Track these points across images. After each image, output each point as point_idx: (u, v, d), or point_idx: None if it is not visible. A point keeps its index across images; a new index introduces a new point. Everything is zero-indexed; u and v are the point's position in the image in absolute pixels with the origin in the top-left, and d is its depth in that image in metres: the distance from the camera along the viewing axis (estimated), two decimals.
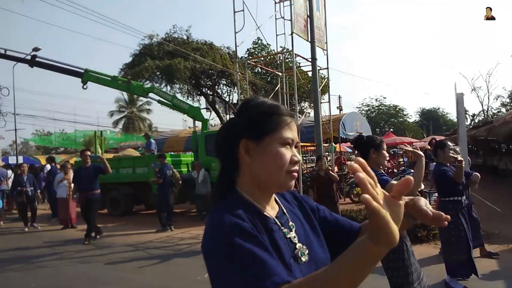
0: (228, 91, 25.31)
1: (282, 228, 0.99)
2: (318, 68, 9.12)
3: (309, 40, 8.15)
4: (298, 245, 0.99)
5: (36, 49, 21.53)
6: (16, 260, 6.22)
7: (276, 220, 0.99)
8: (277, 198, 1.08)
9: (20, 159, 22.29)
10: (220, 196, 1.01)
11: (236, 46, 8.20)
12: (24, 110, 71.21)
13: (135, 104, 49.81)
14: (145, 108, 51.31)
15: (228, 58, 22.40)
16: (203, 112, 11.31)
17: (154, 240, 7.49)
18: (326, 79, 11.19)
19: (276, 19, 8.15)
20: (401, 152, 19.75)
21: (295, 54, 8.25)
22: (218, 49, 22.90)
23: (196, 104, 20.89)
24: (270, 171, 0.97)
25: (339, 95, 30.69)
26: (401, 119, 51.51)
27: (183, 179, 10.46)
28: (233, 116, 1.09)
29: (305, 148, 16.34)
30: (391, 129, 45.12)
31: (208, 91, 22.58)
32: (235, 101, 22.67)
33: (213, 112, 22.48)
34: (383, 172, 3.18)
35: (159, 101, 11.34)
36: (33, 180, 10.01)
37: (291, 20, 7.67)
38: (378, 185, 0.74)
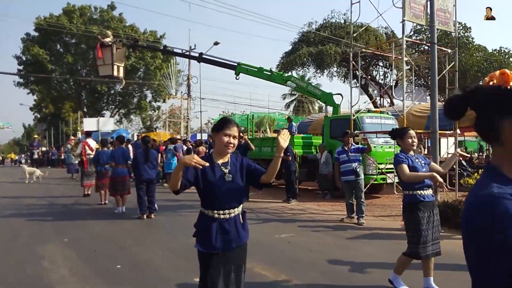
0: (385, 73, 24.65)
1: (222, 167, 2.53)
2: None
3: (427, 24, 8.02)
4: (227, 174, 2.49)
5: (216, 43, 25.42)
6: None
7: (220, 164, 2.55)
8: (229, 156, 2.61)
9: (205, 136, 27.10)
10: None
11: (351, 36, 8.67)
12: (209, 95, 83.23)
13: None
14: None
15: (383, 39, 21.87)
16: (337, 98, 11.90)
17: (271, 207, 8.95)
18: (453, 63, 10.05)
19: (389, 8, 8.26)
20: None
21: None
22: (373, 30, 22.52)
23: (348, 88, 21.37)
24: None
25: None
26: None
27: (309, 160, 11.60)
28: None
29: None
30: None
31: (362, 74, 22.64)
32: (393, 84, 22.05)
33: (365, 96, 22.41)
34: (405, 155, 3.74)
35: (295, 88, 12.61)
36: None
37: (403, 7, 7.75)
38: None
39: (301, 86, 12.65)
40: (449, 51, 9.57)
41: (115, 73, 13.70)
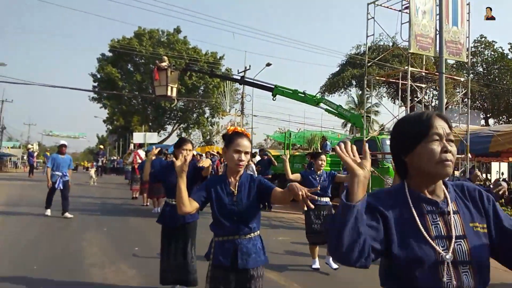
0: (434, 96, 24.47)
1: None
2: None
3: (436, 55, 8.64)
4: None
5: (268, 64, 26.86)
6: None
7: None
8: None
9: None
10: None
11: (366, 65, 9.48)
12: (264, 113, 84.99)
13: (363, 107, 52.07)
14: (373, 110, 52.78)
15: (431, 62, 21.89)
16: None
17: (288, 218, 9.90)
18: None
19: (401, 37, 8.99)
20: None
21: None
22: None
23: (395, 108, 21.56)
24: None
25: None
26: None
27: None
28: None
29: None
30: None
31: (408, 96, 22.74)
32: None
33: None
34: (309, 172, 5.03)
35: (326, 110, 13.45)
36: None
37: (408, 41, 8.47)
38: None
39: (332, 108, 13.48)
40: (462, 79, 9.95)
41: (169, 93, 15.56)
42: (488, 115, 27.04)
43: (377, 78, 11.74)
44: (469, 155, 9.66)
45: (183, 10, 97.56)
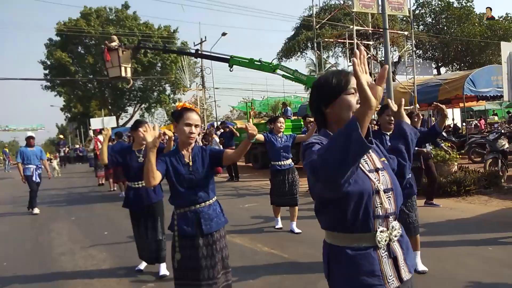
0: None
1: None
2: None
3: (378, 12, 8.90)
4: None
5: (224, 34, 26.35)
6: None
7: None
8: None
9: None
10: None
11: (314, 28, 9.63)
12: (226, 84, 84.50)
13: (323, 68, 52.56)
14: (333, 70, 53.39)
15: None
16: None
17: (254, 185, 10.22)
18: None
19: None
20: None
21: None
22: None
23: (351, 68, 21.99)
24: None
25: None
26: None
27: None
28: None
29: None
30: None
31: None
32: (396, 60, 22.41)
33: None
34: (271, 135, 5.16)
35: (283, 75, 13.60)
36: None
37: (351, 0, 8.67)
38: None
39: (288, 73, 13.64)
40: (406, 33, 10.34)
41: (123, 74, 15.09)
42: (440, 64, 28.07)
43: (326, 40, 11.91)
44: (417, 105, 10.14)
45: None
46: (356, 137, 1.16)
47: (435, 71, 27.06)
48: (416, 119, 3.90)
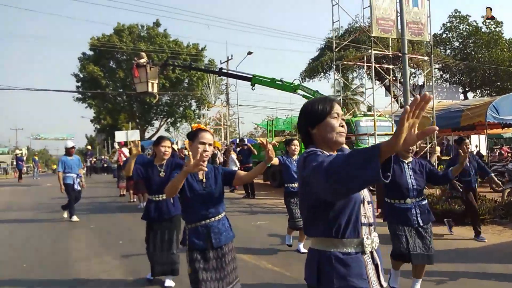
0: (412, 73, 24.89)
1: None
2: None
3: (398, 37, 9.02)
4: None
5: (249, 53, 26.90)
6: None
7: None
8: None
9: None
10: None
11: (334, 50, 9.84)
12: (250, 102, 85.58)
13: (349, 88, 52.49)
14: (359, 91, 53.11)
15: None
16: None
17: (269, 203, 10.34)
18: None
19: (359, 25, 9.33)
20: None
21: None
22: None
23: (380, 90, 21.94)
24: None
25: None
26: None
27: None
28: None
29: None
30: None
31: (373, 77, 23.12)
32: (421, 83, 22.24)
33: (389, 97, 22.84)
34: (286, 157, 5.21)
35: (303, 96, 13.80)
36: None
37: (370, 26, 8.83)
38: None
39: (309, 93, 13.83)
40: (426, 58, 10.36)
41: (150, 89, 15.70)
42: (467, 89, 27.59)
43: (345, 62, 12.07)
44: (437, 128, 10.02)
45: (159, 6, 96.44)
46: (374, 166, 1.23)
47: (461, 96, 26.62)
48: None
